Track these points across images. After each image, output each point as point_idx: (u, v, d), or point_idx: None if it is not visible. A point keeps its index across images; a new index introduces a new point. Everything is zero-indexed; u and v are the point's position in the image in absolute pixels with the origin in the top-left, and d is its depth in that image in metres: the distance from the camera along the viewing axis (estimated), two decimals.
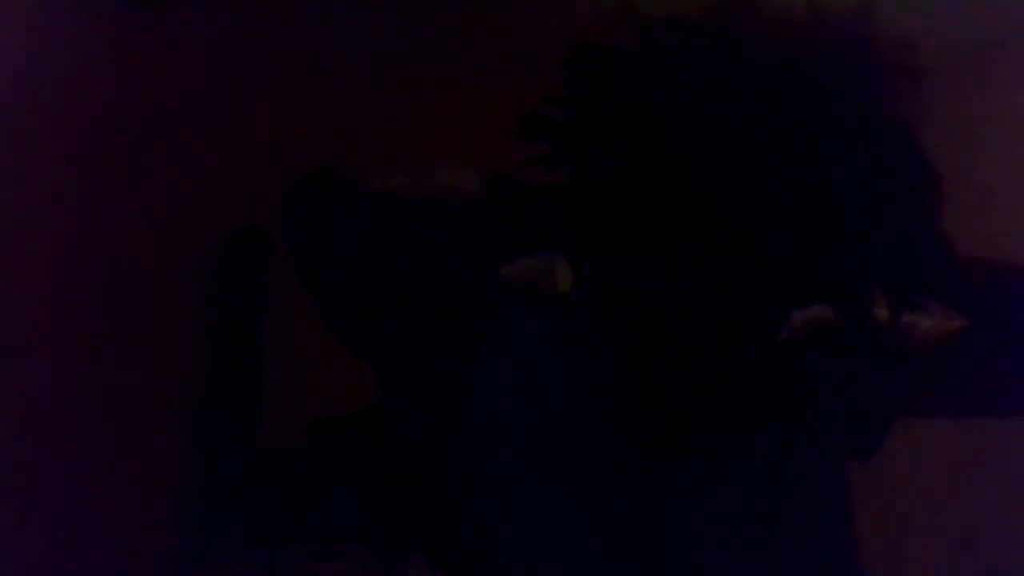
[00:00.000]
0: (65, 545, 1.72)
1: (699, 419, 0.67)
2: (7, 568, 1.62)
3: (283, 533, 1.74)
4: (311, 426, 0.84)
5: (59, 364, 1.77)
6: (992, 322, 0.63)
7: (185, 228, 1.89)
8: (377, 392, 0.79)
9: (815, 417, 0.67)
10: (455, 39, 2.05)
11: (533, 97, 0.59)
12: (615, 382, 0.66)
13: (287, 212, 0.72)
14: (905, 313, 0.65)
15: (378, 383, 0.73)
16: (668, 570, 0.68)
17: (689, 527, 0.67)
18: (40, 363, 1.72)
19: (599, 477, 0.67)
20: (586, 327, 0.67)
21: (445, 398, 0.69)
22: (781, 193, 0.53)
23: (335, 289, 0.68)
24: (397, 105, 2.14)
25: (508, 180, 0.63)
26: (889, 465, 0.73)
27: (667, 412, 0.66)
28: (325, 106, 2.13)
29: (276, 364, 1.83)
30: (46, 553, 1.68)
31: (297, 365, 1.78)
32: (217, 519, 1.82)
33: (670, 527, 0.67)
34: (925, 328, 0.65)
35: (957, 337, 0.64)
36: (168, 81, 2.05)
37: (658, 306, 0.59)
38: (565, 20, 1.56)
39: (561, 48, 0.60)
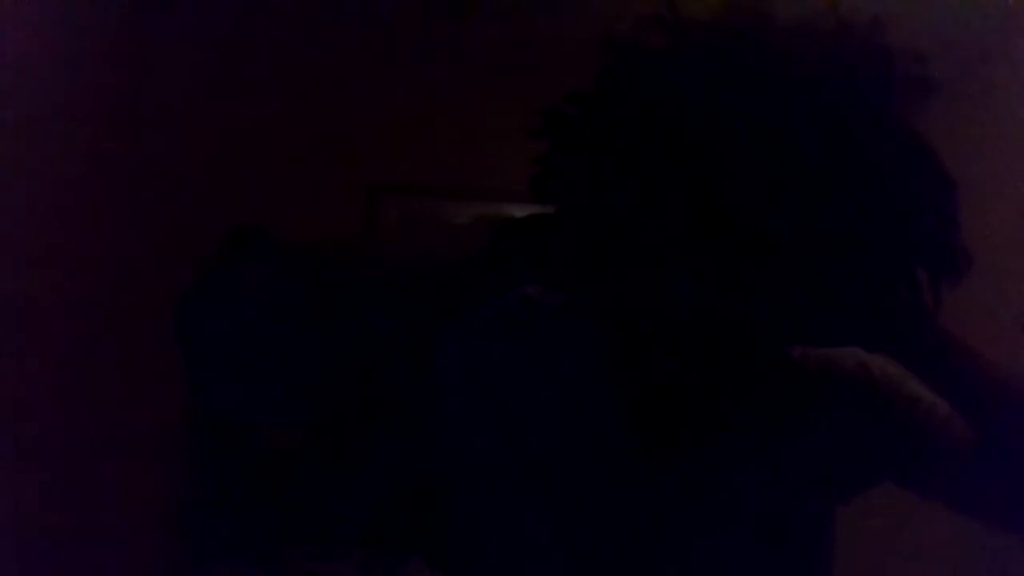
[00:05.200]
0: (65, 546, 1.72)
1: (693, 424, 0.67)
2: (7, 568, 1.62)
3: (283, 533, 1.74)
4: None
5: (58, 364, 1.77)
6: (998, 433, 0.62)
7: (185, 228, 1.89)
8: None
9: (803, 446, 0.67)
10: (473, 39, 2.05)
11: (549, 96, 0.58)
12: (613, 385, 0.66)
13: (182, 309, 0.64)
14: (913, 384, 0.65)
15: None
16: (661, 572, 0.68)
17: (680, 531, 0.68)
18: (39, 363, 1.72)
19: (594, 479, 0.67)
20: (581, 332, 0.67)
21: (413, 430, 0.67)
22: (799, 199, 0.53)
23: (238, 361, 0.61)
24: (409, 103, 2.14)
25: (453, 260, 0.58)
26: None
27: (662, 417, 0.66)
28: (329, 104, 2.13)
29: None
30: (46, 554, 1.69)
31: None
32: (217, 519, 1.82)
33: (663, 530, 0.67)
34: (926, 406, 0.65)
35: (960, 431, 0.64)
36: (168, 81, 2.05)
37: (667, 311, 0.58)
38: (584, 20, 1.56)
39: (579, 48, 0.60)
